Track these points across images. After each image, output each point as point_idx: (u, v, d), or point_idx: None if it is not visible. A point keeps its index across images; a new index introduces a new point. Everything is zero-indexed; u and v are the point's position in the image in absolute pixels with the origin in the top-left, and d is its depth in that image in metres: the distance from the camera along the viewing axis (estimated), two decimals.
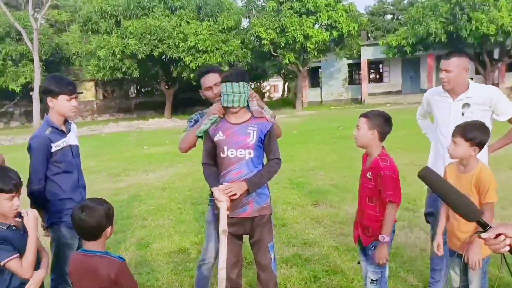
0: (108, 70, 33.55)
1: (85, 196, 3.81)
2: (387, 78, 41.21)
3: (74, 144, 3.78)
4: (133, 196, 9.00)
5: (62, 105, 3.60)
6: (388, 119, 3.31)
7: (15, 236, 2.68)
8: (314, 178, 9.44)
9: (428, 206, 4.14)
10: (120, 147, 18.27)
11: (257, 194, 3.53)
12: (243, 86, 3.44)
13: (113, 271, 2.53)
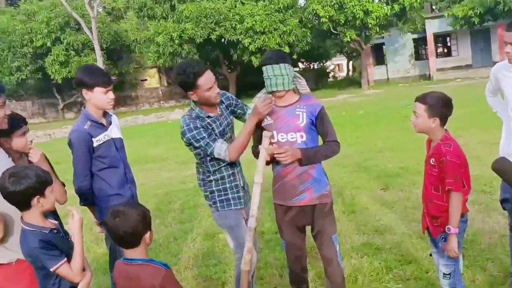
0: (168, 56, 34.05)
1: (135, 192, 3.77)
2: (456, 51, 39.41)
3: (117, 137, 3.67)
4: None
5: (98, 98, 3.48)
6: (449, 103, 3.12)
7: (58, 238, 2.65)
8: (382, 161, 9.26)
9: (503, 191, 3.89)
10: None
11: (316, 180, 3.45)
12: (285, 67, 3.34)
13: (157, 281, 2.37)
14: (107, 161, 3.53)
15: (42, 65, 36.38)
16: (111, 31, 38.40)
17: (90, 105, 3.54)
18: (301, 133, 3.39)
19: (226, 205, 3.60)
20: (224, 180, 3.58)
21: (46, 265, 2.53)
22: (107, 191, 3.57)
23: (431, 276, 4.20)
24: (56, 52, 35.30)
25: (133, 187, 3.73)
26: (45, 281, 2.62)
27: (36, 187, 2.51)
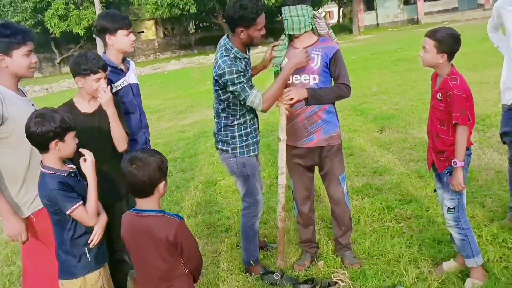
0: (166, 7, 33.27)
1: (149, 136, 3.57)
2: None
3: (134, 82, 3.45)
4: (199, 132, 8.91)
5: (122, 41, 3.27)
6: (458, 38, 2.95)
7: (75, 182, 2.50)
8: (378, 104, 9.00)
9: (503, 125, 3.74)
10: (183, 84, 18.23)
11: (325, 122, 3.31)
12: (302, 8, 3.18)
13: (172, 233, 2.20)
14: (125, 106, 3.30)
15: (42, 20, 35.48)
16: None
17: (112, 50, 3.31)
18: (314, 75, 3.27)
19: (246, 151, 3.38)
20: (246, 124, 3.37)
21: (62, 208, 2.38)
22: None
23: (431, 214, 4.04)
24: (56, 6, 34.41)
25: (147, 132, 3.51)
26: (59, 226, 2.48)
27: (57, 132, 2.37)
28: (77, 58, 2.89)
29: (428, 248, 3.49)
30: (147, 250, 2.25)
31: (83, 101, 2.94)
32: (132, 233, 2.30)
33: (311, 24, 3.25)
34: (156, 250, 2.23)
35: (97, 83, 2.87)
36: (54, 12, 34.43)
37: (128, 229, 2.32)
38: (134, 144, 3.34)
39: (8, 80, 2.69)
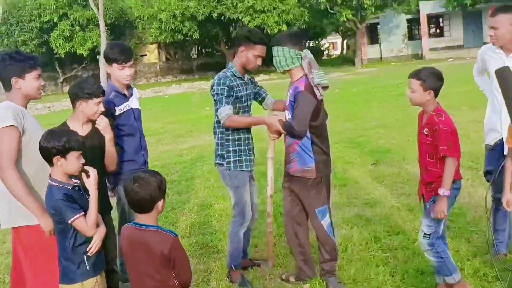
0: (170, 32, 33.97)
1: (147, 158, 3.85)
2: (448, 32, 39.36)
3: (136, 107, 3.76)
4: (196, 157, 9.14)
5: (115, 73, 3.61)
6: (440, 76, 3.27)
7: (78, 195, 2.76)
8: (375, 137, 9.25)
9: (487, 164, 4.00)
10: (183, 108, 18.54)
11: (299, 155, 3.60)
12: (277, 50, 3.57)
13: (166, 247, 2.44)
14: (125, 129, 3.63)
15: (47, 40, 36.18)
16: (116, 7, 38.23)
17: (113, 78, 3.68)
18: (288, 111, 3.68)
19: (239, 166, 3.80)
20: (240, 142, 3.78)
21: (65, 217, 2.65)
22: (123, 156, 3.62)
23: (417, 246, 4.20)
24: (62, 27, 35.15)
25: (145, 154, 3.82)
26: (62, 235, 2.74)
27: (59, 149, 2.66)
28: (81, 83, 3.24)
29: (411, 278, 3.68)
30: (143, 262, 2.49)
31: (77, 124, 3.23)
32: (130, 244, 2.54)
33: (293, 63, 3.56)
34: (151, 262, 2.46)
35: (97, 106, 3.19)
36: (59, 33, 35.17)
37: (127, 240, 2.57)
38: (132, 164, 3.63)
39: (21, 100, 3.08)
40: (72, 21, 35.51)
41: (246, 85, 3.86)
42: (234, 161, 3.78)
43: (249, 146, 3.84)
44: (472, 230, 4.53)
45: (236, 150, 3.78)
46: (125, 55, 3.61)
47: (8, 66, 3.02)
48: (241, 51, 3.73)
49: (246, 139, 3.82)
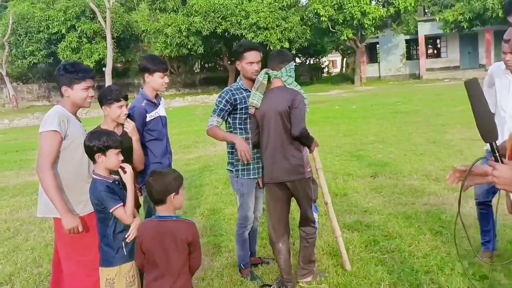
0: (175, 47, 34.45)
1: (172, 161, 4.20)
2: (445, 53, 39.95)
3: (163, 115, 4.12)
4: (204, 166, 9.48)
5: (157, 81, 3.96)
6: None
7: (118, 189, 3.10)
8: (373, 151, 9.59)
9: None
10: (187, 120, 18.91)
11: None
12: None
13: (190, 234, 2.76)
14: (155, 134, 3.97)
15: (55, 51, 36.76)
16: (123, 21, 38.77)
17: (148, 87, 4.01)
18: None
19: (246, 174, 4.14)
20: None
21: (107, 206, 2.98)
22: (151, 159, 3.95)
23: (412, 249, 4.56)
24: (70, 39, 35.77)
25: (170, 157, 4.18)
26: (104, 223, 3.08)
27: (99, 147, 3.01)
28: (103, 90, 3.58)
29: (406, 275, 4.01)
30: (170, 248, 2.78)
31: (109, 128, 3.54)
32: (157, 234, 2.81)
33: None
34: (177, 248, 2.76)
35: (119, 109, 3.53)
36: (67, 44, 35.81)
37: (152, 231, 2.83)
38: (158, 166, 3.93)
39: (70, 107, 3.42)
40: (80, 33, 36.12)
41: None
42: (242, 170, 4.13)
43: (257, 155, 4.09)
44: (463, 236, 4.85)
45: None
46: (165, 64, 4.07)
47: (61, 76, 3.34)
48: (237, 64, 4.12)
49: (254, 148, 4.07)
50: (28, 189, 8.58)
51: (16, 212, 7.17)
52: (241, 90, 4.11)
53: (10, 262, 5.13)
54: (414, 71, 39.55)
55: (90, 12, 36.15)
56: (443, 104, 17.36)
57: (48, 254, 5.15)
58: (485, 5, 29.65)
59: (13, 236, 6.02)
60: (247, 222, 4.24)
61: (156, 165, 3.95)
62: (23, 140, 16.75)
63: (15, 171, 10.66)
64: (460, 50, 38.85)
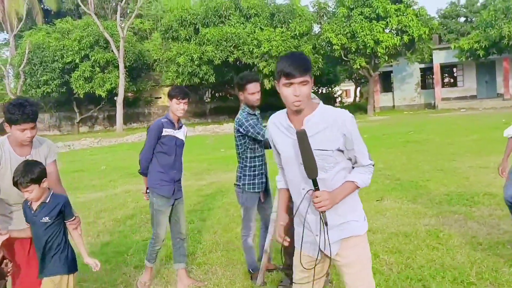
0: (187, 75, 35.37)
1: (177, 177, 4.97)
2: (461, 82, 40.42)
3: (180, 138, 4.96)
4: (216, 191, 10.13)
5: (173, 106, 4.85)
6: None
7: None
8: (381, 178, 10.16)
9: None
10: (199, 149, 19.62)
11: None
12: None
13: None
14: (165, 148, 4.83)
15: (68, 80, 37.96)
16: (136, 50, 40.02)
17: (170, 111, 4.90)
18: None
19: (252, 188, 4.87)
20: (255, 168, 4.86)
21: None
22: (157, 168, 4.86)
23: (410, 262, 5.14)
24: (83, 68, 36.97)
25: (177, 173, 4.96)
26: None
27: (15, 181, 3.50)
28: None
29: (401, 282, 4.61)
30: None
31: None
32: None
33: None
34: None
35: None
36: (80, 73, 36.98)
37: None
38: (162, 176, 4.87)
39: (13, 140, 3.70)
40: (93, 62, 37.26)
41: (258, 120, 4.88)
42: (248, 184, 4.86)
43: (262, 171, 4.89)
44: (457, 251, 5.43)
45: (251, 174, 4.87)
46: (182, 93, 4.86)
47: (5, 112, 3.65)
48: (240, 95, 4.83)
49: (260, 166, 4.90)
50: None
51: None
52: (251, 115, 4.85)
53: None
54: (429, 100, 40.01)
55: (104, 41, 37.41)
56: (456, 133, 17.88)
57: None
58: (501, 33, 30.39)
59: None
60: (249, 232, 4.97)
61: (159, 174, 4.84)
62: None
63: None
64: (477, 79, 39.28)
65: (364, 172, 2.85)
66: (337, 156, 2.78)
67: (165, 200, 4.86)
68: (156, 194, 4.85)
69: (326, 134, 2.72)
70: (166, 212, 4.90)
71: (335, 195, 2.72)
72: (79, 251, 3.69)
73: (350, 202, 2.87)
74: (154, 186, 4.85)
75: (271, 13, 36.09)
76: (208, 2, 36.56)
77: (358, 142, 2.79)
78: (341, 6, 34.23)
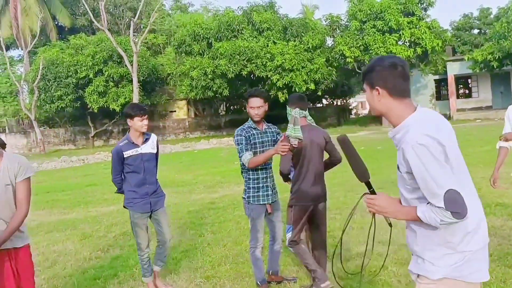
0: (200, 89, 35.68)
1: (151, 190, 5.24)
2: (476, 93, 40.30)
3: (147, 152, 5.22)
4: (228, 204, 10.17)
5: (137, 124, 5.10)
6: None
7: None
8: (394, 190, 10.05)
9: None
10: (213, 162, 19.73)
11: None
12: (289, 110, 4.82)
13: None
14: (132, 167, 5.15)
15: (82, 95, 38.45)
16: (149, 65, 40.39)
17: (132, 130, 5.18)
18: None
19: (256, 200, 4.92)
20: (258, 180, 4.91)
21: None
22: (129, 187, 5.22)
23: None
24: (97, 83, 37.39)
25: (150, 187, 5.25)
26: None
27: None
28: None
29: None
30: None
31: None
32: None
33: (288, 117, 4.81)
34: None
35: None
36: (94, 88, 37.41)
37: None
38: (133, 194, 5.19)
39: None
40: (107, 77, 37.66)
41: (262, 134, 4.97)
42: (252, 196, 4.93)
43: (266, 183, 4.94)
44: None
45: (255, 187, 4.92)
46: (143, 110, 5.18)
47: None
48: (247, 107, 4.98)
49: (264, 178, 4.94)
50: (61, 225, 9.42)
51: (52, 246, 7.93)
52: (251, 129, 4.97)
53: (51, 287, 5.89)
54: (445, 111, 39.67)
55: (118, 56, 37.82)
56: (470, 144, 17.74)
57: (86, 279, 5.89)
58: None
59: (51, 266, 6.80)
60: (257, 243, 5.00)
61: (132, 192, 5.16)
62: (52, 182, 17.75)
63: (47, 210, 11.53)
64: (492, 90, 39.15)
65: (432, 210, 2.37)
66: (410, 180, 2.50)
67: (140, 214, 5.20)
68: (132, 210, 5.22)
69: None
70: (142, 224, 5.24)
71: (396, 207, 2.76)
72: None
73: (432, 238, 2.53)
74: (129, 205, 5.24)
75: (283, 27, 36.30)
76: (221, 17, 37.06)
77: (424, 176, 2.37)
78: (353, 20, 34.37)
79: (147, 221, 5.27)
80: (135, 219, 5.19)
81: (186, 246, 7.12)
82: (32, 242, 7.65)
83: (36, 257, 7.24)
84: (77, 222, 9.66)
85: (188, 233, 8.01)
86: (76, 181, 17.26)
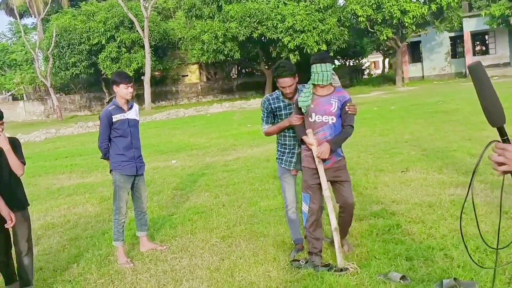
0: (212, 53, 35.55)
1: (137, 154, 5.45)
2: (494, 50, 39.40)
3: (132, 118, 5.40)
4: (241, 166, 10.23)
5: (122, 91, 5.28)
6: None
7: None
8: (407, 149, 10.10)
9: None
10: (225, 125, 19.76)
11: (335, 154, 4.63)
12: (326, 66, 4.45)
13: None
14: (120, 132, 5.31)
15: (95, 61, 38.63)
16: (160, 29, 40.33)
17: (118, 96, 5.37)
18: (332, 116, 4.56)
19: (279, 162, 5.09)
20: (285, 146, 5.01)
21: None
22: (115, 151, 5.35)
23: (433, 232, 5.14)
24: (109, 49, 37.55)
25: (136, 151, 5.47)
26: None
27: None
28: None
29: (422, 251, 4.62)
30: None
31: None
32: None
33: (332, 78, 4.52)
34: None
35: None
36: (107, 54, 37.64)
37: None
38: (122, 157, 5.34)
39: None
40: (119, 43, 37.80)
41: (288, 106, 4.91)
42: (278, 158, 5.10)
43: (293, 150, 4.96)
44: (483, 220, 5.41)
45: (281, 151, 5.06)
46: (129, 78, 5.34)
47: None
48: (276, 82, 4.85)
49: (292, 145, 4.96)
50: (81, 189, 9.59)
51: (73, 208, 8.13)
52: (279, 100, 4.92)
53: (74, 247, 6.07)
54: (460, 69, 39.27)
55: (129, 22, 37.76)
56: None
57: (106, 239, 6.03)
58: None
59: (73, 227, 6.98)
60: (286, 203, 5.09)
61: (119, 156, 5.30)
62: (70, 147, 17.95)
63: (67, 174, 11.71)
64: (510, 46, 38.23)
65: None
66: None
67: (126, 178, 5.37)
68: (118, 174, 5.35)
69: None
70: (126, 187, 5.41)
71: None
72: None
73: None
74: (117, 168, 5.35)
75: None
76: None
77: None
78: None
79: (130, 185, 5.45)
80: (121, 182, 5.34)
81: (201, 207, 7.20)
82: (54, 205, 8.05)
83: (58, 219, 7.48)
84: (95, 185, 9.80)
85: (203, 195, 8.09)
86: (93, 146, 17.32)
